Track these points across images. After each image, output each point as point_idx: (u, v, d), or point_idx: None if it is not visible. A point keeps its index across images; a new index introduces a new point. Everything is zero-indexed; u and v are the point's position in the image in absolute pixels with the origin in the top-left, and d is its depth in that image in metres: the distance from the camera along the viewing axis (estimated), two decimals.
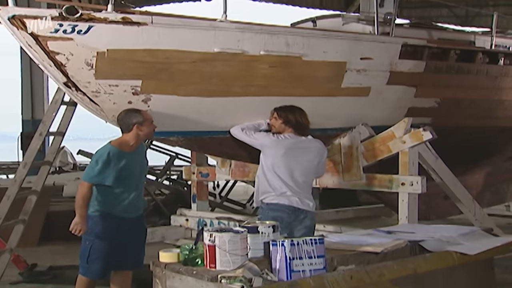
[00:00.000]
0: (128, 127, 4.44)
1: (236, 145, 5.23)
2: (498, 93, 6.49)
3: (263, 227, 3.14)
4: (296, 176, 4.62)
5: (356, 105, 5.49)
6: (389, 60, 5.45)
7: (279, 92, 5.08)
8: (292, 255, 2.85)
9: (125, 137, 4.47)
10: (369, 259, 3.28)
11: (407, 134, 5.26)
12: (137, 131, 4.43)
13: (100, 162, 4.28)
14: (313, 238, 2.96)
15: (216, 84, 4.88)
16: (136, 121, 4.43)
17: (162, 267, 3.07)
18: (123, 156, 4.37)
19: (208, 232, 2.92)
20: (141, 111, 4.53)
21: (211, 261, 2.89)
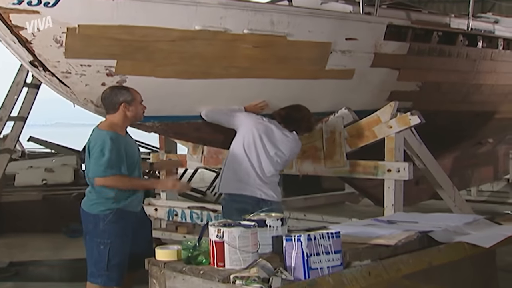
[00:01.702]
0: (114, 106, 4.00)
1: (214, 130, 4.95)
2: (476, 77, 6.42)
3: (271, 220, 2.90)
4: (265, 165, 4.45)
5: (339, 88, 5.28)
6: (374, 41, 5.26)
7: (262, 74, 4.82)
8: (309, 251, 2.61)
9: (112, 119, 4.01)
10: (380, 252, 3.09)
11: (394, 119, 5.09)
12: (124, 110, 3.99)
13: (107, 151, 3.80)
14: (330, 231, 2.73)
15: (196, 65, 4.56)
16: (123, 100, 3.99)
17: (161, 266, 2.77)
18: (123, 140, 3.95)
19: (215, 227, 2.65)
20: (129, 89, 4.09)
21: (219, 259, 2.62)
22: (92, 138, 3.95)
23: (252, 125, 4.51)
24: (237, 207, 4.31)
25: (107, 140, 3.84)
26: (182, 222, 6.18)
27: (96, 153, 3.85)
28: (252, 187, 4.37)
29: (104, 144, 3.83)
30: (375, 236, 3.17)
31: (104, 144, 3.83)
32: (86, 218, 3.99)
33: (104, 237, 3.87)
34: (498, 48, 6.63)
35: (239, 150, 4.47)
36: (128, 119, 4.05)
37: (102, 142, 3.85)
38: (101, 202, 3.92)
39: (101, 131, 3.94)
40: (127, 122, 4.07)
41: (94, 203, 3.93)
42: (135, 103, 4.05)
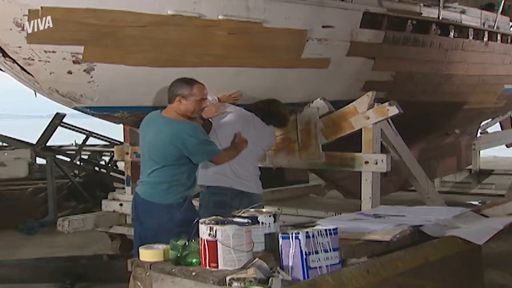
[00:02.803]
0: (171, 98, 3.90)
1: None
2: (447, 67, 6.42)
3: (264, 216, 2.75)
4: (243, 156, 4.30)
5: (315, 78, 5.17)
6: (350, 29, 5.17)
7: (237, 63, 4.66)
8: (308, 249, 2.48)
9: (174, 109, 3.89)
10: (373, 248, 3.00)
11: (371, 109, 4.99)
12: (178, 103, 3.86)
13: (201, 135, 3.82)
14: (328, 228, 2.61)
15: (168, 52, 4.37)
16: (180, 93, 3.85)
17: (146, 268, 2.60)
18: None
19: (206, 225, 2.48)
20: (194, 84, 3.89)
21: (212, 260, 2.46)
22: (174, 129, 3.79)
23: (229, 119, 4.35)
24: (215, 200, 4.20)
25: (191, 126, 3.80)
26: None
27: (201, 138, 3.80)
28: (231, 179, 4.23)
29: (194, 130, 3.79)
30: (368, 231, 3.06)
31: (194, 130, 3.79)
32: (158, 210, 3.79)
33: (184, 225, 3.57)
34: (469, 38, 6.65)
35: (216, 142, 4.30)
36: (184, 113, 3.88)
37: (195, 127, 3.82)
38: (174, 191, 3.79)
39: (180, 122, 3.82)
40: (182, 114, 3.90)
41: (167, 193, 3.77)
42: (191, 100, 3.86)
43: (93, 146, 12.13)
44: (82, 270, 5.28)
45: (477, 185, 9.79)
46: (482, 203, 7.83)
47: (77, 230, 5.92)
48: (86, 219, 5.94)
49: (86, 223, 5.90)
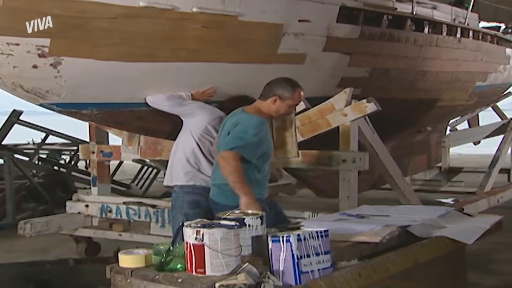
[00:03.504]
0: (267, 94, 3.80)
1: (159, 119, 4.65)
2: (422, 64, 6.43)
3: (251, 218, 2.66)
4: None
5: (290, 73, 5.03)
6: (327, 23, 5.11)
7: (211, 58, 4.56)
8: (299, 253, 2.40)
9: (260, 105, 3.83)
10: (362, 249, 2.94)
11: (349, 106, 4.96)
12: (270, 103, 3.77)
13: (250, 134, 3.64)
14: (319, 230, 2.53)
15: (140, 46, 4.24)
16: (279, 93, 3.76)
17: (127, 274, 2.48)
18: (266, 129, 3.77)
19: (192, 228, 2.38)
20: (296, 89, 3.83)
21: (199, 265, 2.36)
22: (237, 119, 3.74)
23: (205, 116, 4.28)
24: (188, 200, 4.14)
25: (257, 123, 3.67)
26: (117, 219, 5.83)
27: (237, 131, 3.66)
28: (206, 178, 4.15)
29: (249, 126, 3.65)
30: (355, 232, 3.01)
31: (250, 126, 3.65)
32: (217, 209, 3.64)
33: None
34: (443, 34, 6.68)
35: (190, 141, 4.23)
36: (270, 112, 3.84)
37: (249, 123, 3.67)
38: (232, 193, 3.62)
39: (250, 115, 3.74)
40: (269, 113, 3.86)
41: (229, 193, 3.65)
42: (286, 103, 3.80)
43: (51, 145, 11.84)
44: (46, 276, 5.09)
45: (446, 182, 9.89)
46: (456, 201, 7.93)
47: (40, 234, 5.74)
48: (49, 222, 5.77)
49: (50, 226, 5.73)
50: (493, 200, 7.48)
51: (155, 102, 4.48)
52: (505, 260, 6.01)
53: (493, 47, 8.30)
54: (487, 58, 8.01)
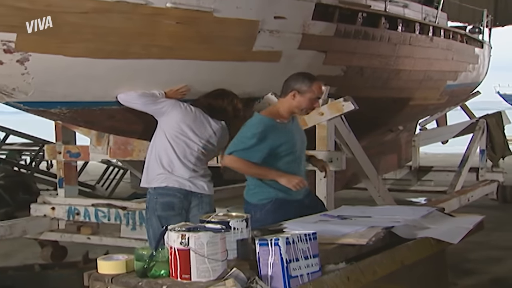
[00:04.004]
0: (286, 90, 3.78)
1: (131, 119, 4.54)
2: (395, 62, 6.45)
3: (236, 221, 2.59)
4: (193, 155, 4.17)
5: (266, 72, 5.04)
6: (302, 20, 5.07)
7: (185, 55, 4.47)
8: (288, 256, 2.34)
9: (279, 103, 3.85)
10: (347, 252, 2.90)
11: (325, 105, 4.94)
12: (290, 99, 3.74)
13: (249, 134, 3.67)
14: (307, 233, 2.48)
15: (112, 42, 4.14)
16: (297, 88, 3.72)
17: (107, 282, 2.37)
18: (276, 128, 3.70)
19: (177, 232, 2.30)
20: (314, 81, 3.76)
21: (184, 271, 2.28)
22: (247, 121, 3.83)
23: (179, 115, 4.18)
24: (162, 201, 4.06)
25: (256, 124, 3.69)
26: (85, 221, 5.69)
27: (238, 134, 3.74)
28: (180, 179, 4.06)
29: (249, 127, 3.71)
30: (341, 234, 2.96)
31: (249, 127, 3.70)
32: (247, 209, 3.74)
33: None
34: (416, 32, 6.71)
35: (163, 141, 4.13)
36: (291, 108, 3.79)
37: (249, 125, 3.73)
38: (260, 191, 3.74)
39: (255, 116, 3.77)
40: (290, 110, 3.80)
41: (253, 192, 3.77)
42: (306, 96, 3.74)
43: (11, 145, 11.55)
44: (9, 282, 4.94)
45: (417, 181, 9.97)
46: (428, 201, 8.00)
47: (3, 238, 5.56)
48: (13, 225, 5.60)
49: (14, 230, 5.56)
50: (463, 199, 7.57)
51: (127, 100, 4.37)
52: (479, 259, 6.07)
53: (463, 46, 8.41)
54: (458, 57, 8.11)
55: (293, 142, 3.83)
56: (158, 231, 4.04)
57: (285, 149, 3.74)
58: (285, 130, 3.77)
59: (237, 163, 3.68)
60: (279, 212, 3.67)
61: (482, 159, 9.33)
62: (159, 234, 2.40)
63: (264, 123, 3.69)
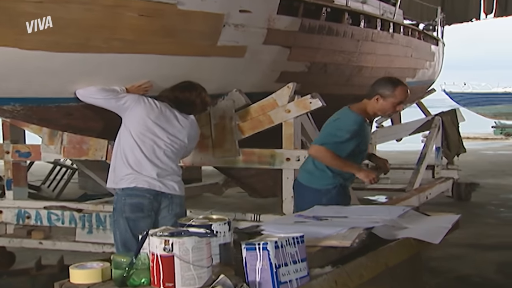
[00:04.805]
0: (371, 94, 4.04)
1: (90, 116, 4.38)
2: (358, 59, 6.46)
3: (218, 225, 2.50)
4: (161, 154, 4.04)
5: (230, 67, 4.95)
6: (268, 14, 5.00)
7: (148, 49, 4.32)
8: (277, 261, 2.26)
9: (366, 104, 4.07)
10: (330, 254, 2.85)
11: (292, 102, 4.88)
12: (374, 102, 3.99)
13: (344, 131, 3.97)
14: (295, 236, 2.40)
15: (71, 35, 3.96)
16: (381, 92, 3.97)
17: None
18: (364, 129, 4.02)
19: (159, 237, 2.18)
20: (397, 86, 3.98)
21: (167, 279, 2.17)
22: (339, 113, 4.12)
23: (143, 111, 4.04)
24: (130, 203, 3.94)
25: (352, 121, 3.96)
26: (36, 225, 5.46)
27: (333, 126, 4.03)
28: (149, 179, 3.93)
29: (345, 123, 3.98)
30: (322, 236, 2.90)
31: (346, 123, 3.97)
32: (304, 193, 4.09)
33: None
34: (377, 28, 6.74)
35: (129, 140, 3.99)
36: (375, 111, 4.06)
37: (346, 121, 4.00)
38: (324, 176, 4.02)
39: (350, 112, 4.04)
40: (374, 112, 4.08)
41: (315, 176, 4.04)
42: (389, 101, 3.98)
43: None
44: None
45: None
46: (389, 199, 8.06)
47: None
48: None
49: None
50: (422, 197, 7.67)
51: (86, 95, 4.19)
52: (442, 257, 6.14)
53: (420, 44, 8.52)
54: (416, 54, 8.21)
55: (367, 142, 4.17)
56: (125, 234, 3.92)
57: (362, 146, 4.06)
58: (367, 129, 4.12)
59: (323, 153, 3.96)
60: (343, 198, 4.08)
61: (437, 156, 9.47)
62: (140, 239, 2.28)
63: (359, 122, 3.99)
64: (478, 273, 5.85)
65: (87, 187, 10.22)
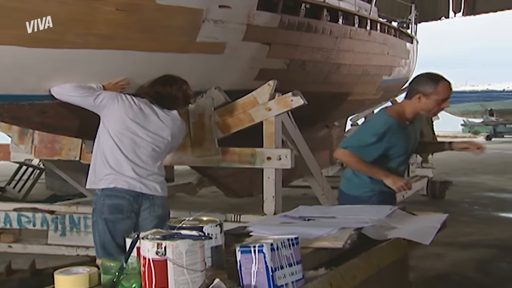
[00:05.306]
0: (411, 93, 3.78)
1: (65, 114, 4.27)
2: (336, 56, 6.44)
3: (210, 227, 2.43)
4: (142, 153, 3.95)
5: (209, 64, 4.88)
6: (248, 10, 4.95)
7: (125, 45, 4.25)
8: (273, 264, 2.21)
9: (404, 105, 3.83)
10: (321, 256, 2.81)
11: (273, 100, 4.85)
12: (416, 101, 3.74)
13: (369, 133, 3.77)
14: (290, 238, 2.35)
15: (46, 30, 3.84)
16: (422, 90, 3.71)
17: None
18: (398, 131, 3.76)
19: (151, 240, 2.11)
20: (439, 82, 3.71)
21: (160, 284, 2.09)
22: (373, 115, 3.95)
23: (121, 109, 3.94)
24: (109, 204, 3.84)
25: (381, 123, 3.76)
26: (5, 228, 5.33)
27: (360, 129, 3.94)
28: (129, 180, 3.85)
29: (372, 126, 3.84)
30: (313, 237, 2.86)
31: (373, 126, 3.82)
32: (348, 201, 3.89)
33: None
34: (355, 25, 6.74)
35: (108, 140, 3.89)
36: (417, 110, 3.80)
37: (373, 123, 3.88)
38: (363, 183, 3.87)
39: (381, 115, 3.85)
40: (415, 112, 3.81)
41: (355, 184, 3.91)
42: (432, 98, 3.72)
43: None
44: None
45: None
46: None
47: None
48: None
49: None
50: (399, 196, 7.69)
51: (61, 93, 4.08)
52: (421, 256, 6.16)
53: (396, 41, 8.55)
54: (392, 52, 8.23)
55: (406, 145, 3.90)
56: (104, 236, 3.83)
57: (396, 151, 3.83)
58: (404, 132, 3.83)
59: (348, 157, 3.82)
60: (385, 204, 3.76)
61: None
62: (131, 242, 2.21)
63: (388, 124, 3.75)
64: (458, 271, 5.91)
65: (55, 187, 10.06)
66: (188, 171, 8.30)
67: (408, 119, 3.85)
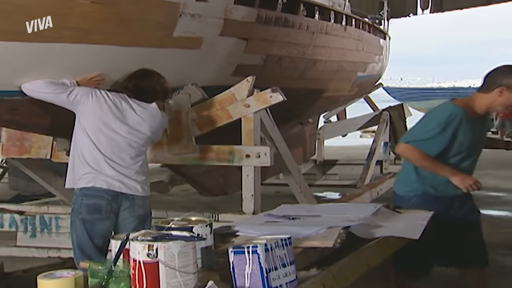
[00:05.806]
0: (490, 86, 3.55)
1: (36, 111, 4.16)
2: (313, 52, 6.43)
3: (199, 227, 2.38)
4: (121, 151, 3.88)
5: (186, 60, 4.82)
6: (225, 4, 4.89)
7: (100, 39, 4.14)
8: (268, 265, 2.18)
9: (477, 98, 3.61)
10: (310, 256, 2.79)
11: (252, 97, 4.80)
12: (496, 95, 3.51)
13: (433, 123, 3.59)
14: (283, 238, 2.32)
15: (17, 22, 3.74)
16: (506, 83, 3.48)
17: None
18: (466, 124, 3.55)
19: (142, 242, 2.05)
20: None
21: (152, 287, 2.05)
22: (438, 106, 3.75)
23: (96, 105, 3.85)
24: (88, 203, 3.77)
25: (446, 113, 3.55)
26: None
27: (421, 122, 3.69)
28: (108, 179, 3.77)
29: (435, 118, 3.61)
30: (301, 237, 2.84)
31: (436, 118, 3.60)
32: (395, 200, 3.79)
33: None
34: (331, 21, 6.74)
35: (84, 138, 3.81)
36: (494, 105, 3.60)
37: (436, 115, 3.63)
38: (405, 182, 3.75)
39: (447, 106, 3.61)
40: (491, 107, 3.62)
41: (402, 183, 3.79)
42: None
43: None
44: None
45: (322, 176, 10.10)
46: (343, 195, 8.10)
47: None
48: None
49: None
50: (374, 193, 7.75)
51: (32, 90, 3.97)
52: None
53: (370, 37, 8.59)
54: (367, 48, 8.27)
55: (473, 141, 3.68)
56: (81, 236, 3.75)
57: (461, 145, 3.62)
58: (471, 127, 3.61)
59: (411, 153, 3.64)
60: (425, 208, 3.56)
61: (385, 151, 9.59)
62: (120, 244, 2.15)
63: (454, 113, 3.55)
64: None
65: (19, 187, 9.85)
66: (159, 169, 8.21)
67: (478, 114, 3.64)
